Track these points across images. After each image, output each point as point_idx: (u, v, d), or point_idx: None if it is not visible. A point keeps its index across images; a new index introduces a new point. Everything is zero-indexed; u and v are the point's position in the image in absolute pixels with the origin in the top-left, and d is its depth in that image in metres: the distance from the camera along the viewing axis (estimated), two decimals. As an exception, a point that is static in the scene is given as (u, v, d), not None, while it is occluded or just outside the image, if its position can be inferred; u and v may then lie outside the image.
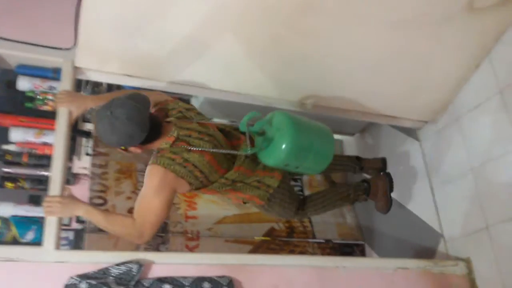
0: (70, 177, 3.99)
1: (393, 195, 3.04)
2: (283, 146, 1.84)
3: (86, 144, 3.38)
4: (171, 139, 1.79)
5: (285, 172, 2.09)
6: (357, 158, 2.62)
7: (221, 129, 2.02)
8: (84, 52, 2.15)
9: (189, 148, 1.78)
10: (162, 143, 1.80)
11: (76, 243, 3.45)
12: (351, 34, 2.19)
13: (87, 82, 3.94)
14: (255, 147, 1.91)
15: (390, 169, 2.64)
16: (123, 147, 1.77)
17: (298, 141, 1.87)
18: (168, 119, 1.89)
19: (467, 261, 2.34)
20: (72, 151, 3.79)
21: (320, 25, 2.12)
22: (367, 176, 2.63)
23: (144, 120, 1.70)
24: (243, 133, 1.92)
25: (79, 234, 3.38)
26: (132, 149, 1.81)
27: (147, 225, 1.73)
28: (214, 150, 1.82)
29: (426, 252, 2.65)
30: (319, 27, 2.13)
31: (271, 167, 1.99)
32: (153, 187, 1.74)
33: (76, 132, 3.53)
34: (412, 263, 2.28)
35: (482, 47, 2.40)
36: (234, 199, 2.10)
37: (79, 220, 3.99)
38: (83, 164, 3.41)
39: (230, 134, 2.02)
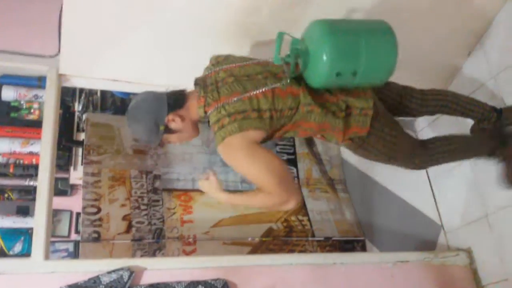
0: (68, 188, 3.98)
1: (389, 187, 3.01)
2: (324, 53, 1.47)
3: (82, 154, 3.36)
4: (201, 100, 1.54)
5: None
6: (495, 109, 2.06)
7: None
8: (68, 59, 2.12)
9: (226, 103, 1.50)
10: (192, 109, 1.58)
11: (76, 254, 3.43)
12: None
13: (81, 92, 3.93)
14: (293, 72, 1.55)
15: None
16: (162, 127, 1.56)
17: (338, 40, 1.49)
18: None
19: (468, 251, 2.30)
20: (68, 161, 3.78)
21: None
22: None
23: (152, 95, 1.58)
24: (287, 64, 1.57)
25: (78, 245, 3.36)
26: (173, 124, 1.57)
27: (277, 189, 1.49)
28: (248, 94, 1.51)
29: (427, 244, 2.61)
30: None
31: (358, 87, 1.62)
32: (246, 160, 1.49)
33: (70, 142, 3.52)
34: (412, 256, 2.24)
35: (473, 33, 2.36)
36: (339, 137, 1.65)
37: (77, 231, 3.98)
38: (80, 174, 3.39)
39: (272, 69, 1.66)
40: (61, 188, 3.76)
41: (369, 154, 1.77)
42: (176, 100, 1.58)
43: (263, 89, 1.52)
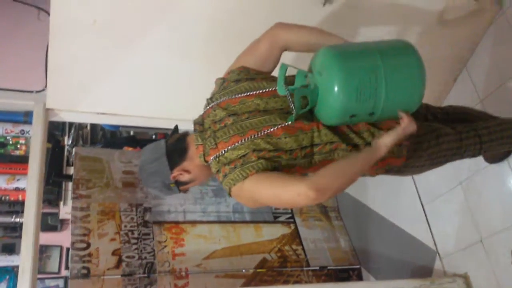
0: (58, 223, 3.92)
1: (383, 214, 2.99)
2: (335, 88, 1.26)
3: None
4: (200, 149, 1.41)
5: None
6: None
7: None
8: (55, 93, 2.11)
9: (225, 150, 1.35)
10: (195, 157, 1.43)
11: (67, 291, 3.35)
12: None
13: (71, 126, 3.91)
14: (299, 107, 1.34)
15: (381, 191, 2.55)
16: (172, 184, 1.47)
17: (351, 75, 1.27)
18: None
19: (465, 277, 2.26)
20: (58, 196, 3.73)
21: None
22: None
23: (152, 154, 1.47)
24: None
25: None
26: (181, 177, 1.45)
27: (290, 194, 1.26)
28: (248, 137, 1.33)
29: (424, 271, 2.57)
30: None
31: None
32: (257, 197, 1.32)
33: (59, 177, 3.48)
34: (408, 284, 2.20)
35: (458, 59, 2.39)
36: (371, 172, 1.49)
37: (68, 267, 3.90)
38: (70, 209, 3.35)
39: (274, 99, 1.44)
40: (51, 223, 3.70)
41: (410, 173, 1.60)
42: (176, 155, 1.44)
43: (265, 132, 1.33)
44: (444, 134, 1.57)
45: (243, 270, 2.90)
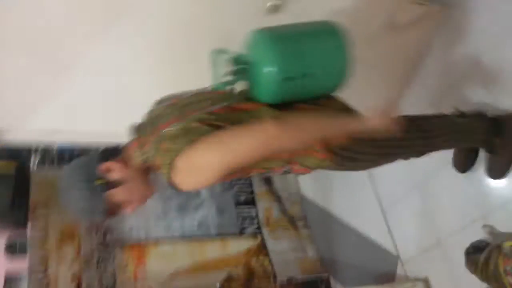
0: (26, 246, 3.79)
1: (347, 221, 2.97)
2: (269, 58, 1.36)
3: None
4: (135, 142, 1.33)
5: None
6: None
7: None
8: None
9: (164, 131, 1.26)
10: (132, 156, 1.33)
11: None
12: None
13: (37, 147, 3.80)
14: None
15: (344, 198, 2.52)
16: (98, 181, 1.26)
17: (282, 43, 1.39)
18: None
19: (425, 281, 2.25)
20: (25, 218, 3.60)
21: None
22: None
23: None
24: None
25: None
26: (113, 174, 1.29)
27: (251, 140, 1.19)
28: (187, 116, 1.28)
29: (387, 276, 2.55)
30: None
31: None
32: (209, 164, 1.18)
33: (23, 199, 3.36)
34: (369, 291, 2.18)
35: (409, 64, 2.40)
36: (317, 153, 1.42)
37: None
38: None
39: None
40: (19, 247, 3.57)
41: (359, 163, 1.52)
42: (109, 150, 1.33)
43: (207, 110, 1.28)
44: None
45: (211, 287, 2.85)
